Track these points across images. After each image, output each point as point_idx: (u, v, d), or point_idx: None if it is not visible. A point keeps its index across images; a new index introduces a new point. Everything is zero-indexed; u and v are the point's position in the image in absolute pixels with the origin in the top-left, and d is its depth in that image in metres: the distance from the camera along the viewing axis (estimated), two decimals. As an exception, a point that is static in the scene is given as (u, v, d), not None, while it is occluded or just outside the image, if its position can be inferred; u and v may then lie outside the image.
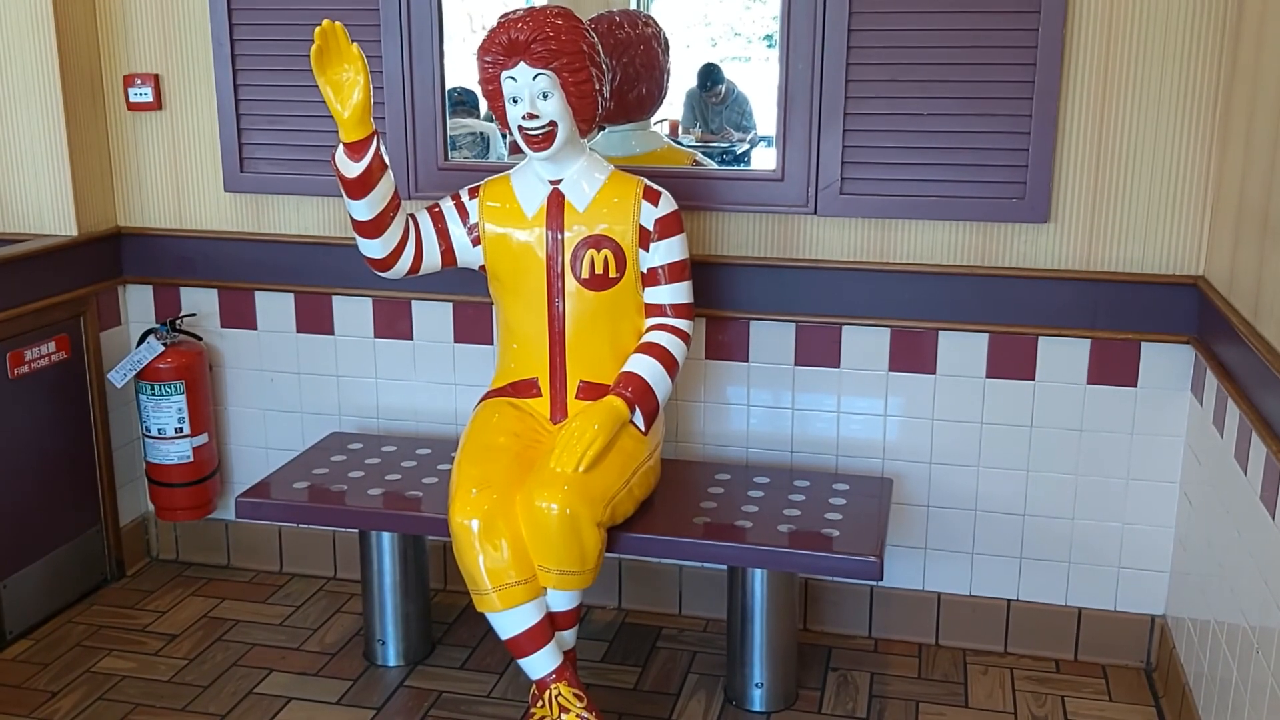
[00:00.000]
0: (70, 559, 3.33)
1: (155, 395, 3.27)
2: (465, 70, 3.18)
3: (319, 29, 2.43)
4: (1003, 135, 2.79)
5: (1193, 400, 2.84)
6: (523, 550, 2.50)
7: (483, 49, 2.60)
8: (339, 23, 2.46)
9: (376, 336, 3.34)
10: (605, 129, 3.20)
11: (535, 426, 2.73)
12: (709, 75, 3.97)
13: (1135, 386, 2.89)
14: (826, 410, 3.10)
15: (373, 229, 2.64)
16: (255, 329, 3.42)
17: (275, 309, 3.39)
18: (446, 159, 3.16)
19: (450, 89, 3.18)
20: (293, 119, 3.20)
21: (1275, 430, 2.11)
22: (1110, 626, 3.04)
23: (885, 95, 2.83)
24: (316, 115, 3.11)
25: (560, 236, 2.67)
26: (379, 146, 2.55)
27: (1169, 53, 2.70)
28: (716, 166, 3.45)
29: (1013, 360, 2.95)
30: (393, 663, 3.04)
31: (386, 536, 2.98)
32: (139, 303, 3.49)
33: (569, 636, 2.61)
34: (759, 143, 3.82)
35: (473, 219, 2.74)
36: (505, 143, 3.64)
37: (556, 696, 2.53)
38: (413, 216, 2.74)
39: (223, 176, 3.30)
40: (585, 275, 2.67)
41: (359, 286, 3.27)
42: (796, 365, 3.08)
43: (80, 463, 3.35)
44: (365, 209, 2.59)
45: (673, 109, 3.58)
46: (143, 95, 3.30)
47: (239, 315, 3.42)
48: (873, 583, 3.14)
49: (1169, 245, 2.80)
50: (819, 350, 3.06)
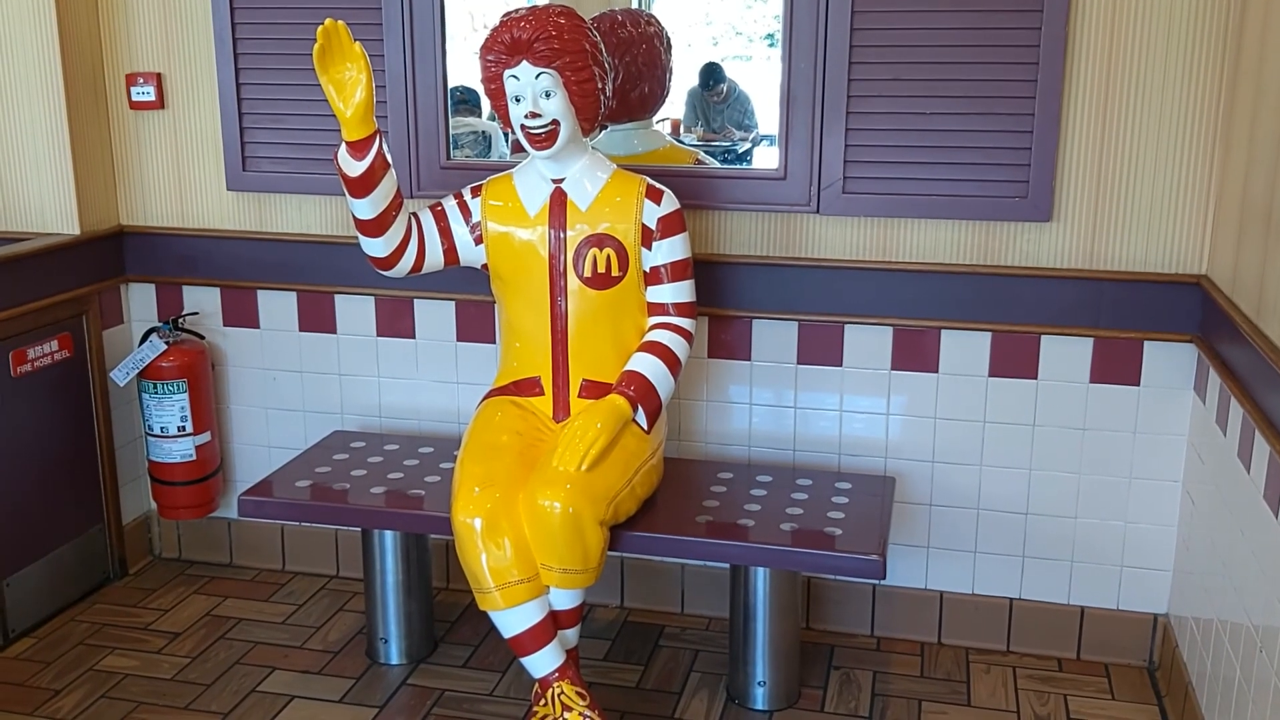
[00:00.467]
0: (73, 557, 3.34)
1: (158, 394, 3.28)
2: (467, 69, 3.19)
3: (321, 28, 2.43)
4: (1005, 134, 2.79)
5: (1195, 399, 2.83)
6: (525, 549, 2.50)
7: (485, 48, 2.60)
8: (341, 21, 2.46)
9: (379, 335, 3.34)
10: (607, 128, 3.20)
11: (538, 425, 2.73)
12: (710, 74, 3.97)
13: (1138, 385, 2.89)
14: (829, 409, 3.10)
15: (375, 228, 2.64)
16: (258, 328, 3.42)
17: (278, 308, 3.39)
18: (449, 158, 3.16)
19: (452, 88, 3.18)
20: (295, 118, 3.20)
21: (1278, 429, 2.10)
22: (1113, 625, 3.04)
23: (888, 94, 2.83)
24: (319, 114, 3.11)
25: (563, 235, 2.67)
26: (381, 145, 2.55)
27: (1172, 51, 2.69)
28: (719, 165, 3.45)
29: (1015, 359, 2.95)
30: (395, 661, 3.04)
31: (389, 535, 2.98)
32: (141, 301, 3.49)
33: (571, 635, 2.61)
34: (760, 142, 3.82)
35: (475, 218, 2.74)
36: (507, 142, 3.64)
37: (559, 695, 2.53)
38: (415, 215, 2.74)
39: (225, 175, 3.30)
40: (588, 274, 2.67)
41: (361, 285, 3.27)
42: (799, 364, 3.08)
43: (83, 461, 3.36)
44: (368, 208, 2.59)
45: (674, 108, 3.59)
46: (145, 94, 3.30)
47: (241, 314, 3.42)
48: (875, 581, 3.14)
49: (1172, 244, 2.80)
50: (821, 349, 3.06)
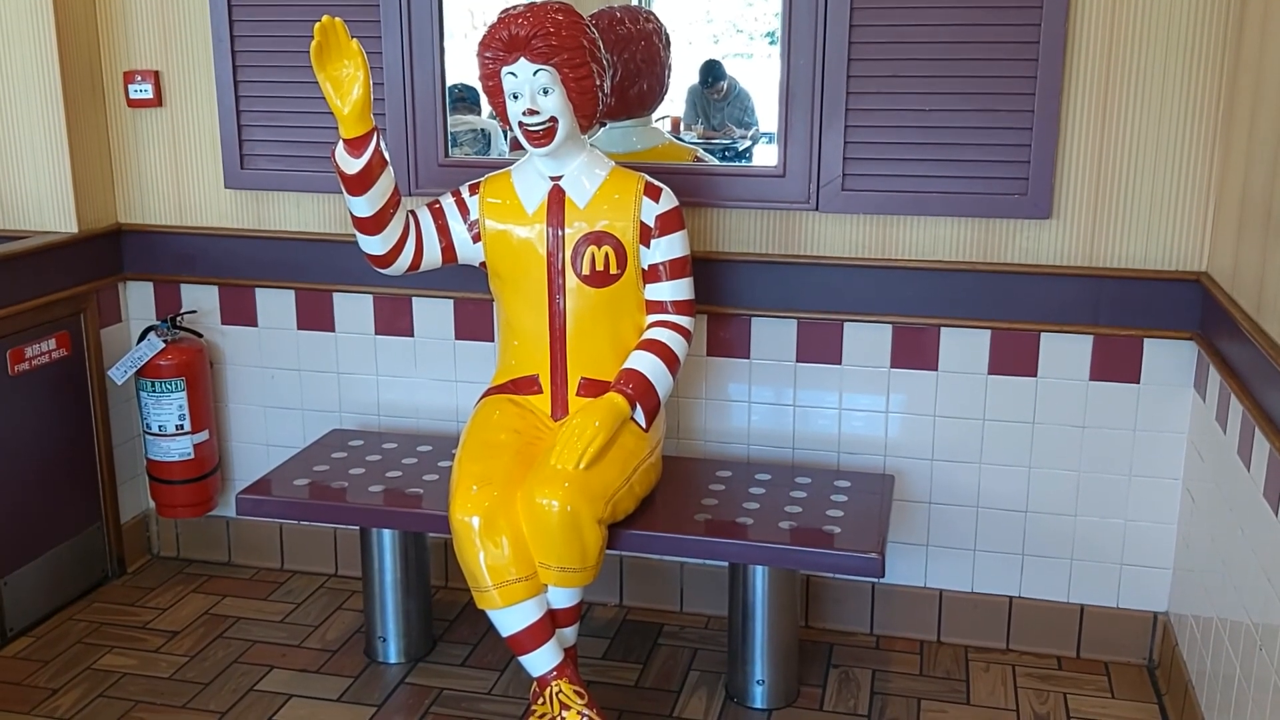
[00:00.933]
0: (71, 556, 3.33)
1: (156, 392, 3.27)
2: (466, 66, 3.18)
3: (319, 24, 2.42)
4: (1005, 131, 2.79)
5: (1195, 396, 2.83)
6: (523, 547, 2.49)
7: (483, 44, 2.60)
8: (339, 18, 2.45)
9: (377, 333, 3.33)
10: (606, 125, 3.19)
11: (536, 423, 2.72)
12: (710, 71, 3.98)
13: (1138, 383, 2.89)
14: (828, 407, 3.09)
15: (373, 225, 2.63)
16: (256, 326, 3.42)
17: (276, 306, 3.38)
18: (447, 155, 3.15)
19: (451, 85, 3.17)
20: (293, 115, 3.19)
21: (1278, 427, 2.10)
22: (1113, 623, 3.03)
23: (887, 91, 2.83)
24: (317, 111, 3.09)
25: (561, 233, 2.67)
26: (379, 143, 2.54)
27: (1172, 48, 2.69)
28: (718, 163, 3.45)
29: (1015, 356, 2.94)
30: (394, 660, 3.03)
31: (387, 533, 2.98)
32: (139, 299, 3.48)
33: (570, 634, 2.61)
34: (761, 139, 3.83)
35: (473, 215, 2.73)
36: (506, 139, 3.64)
37: (557, 694, 2.52)
38: (413, 213, 2.73)
39: (223, 173, 3.30)
40: (586, 272, 2.66)
41: (360, 283, 3.26)
42: (798, 362, 3.08)
43: (81, 460, 3.35)
44: (365, 205, 2.59)
45: (674, 105, 3.59)
46: (143, 92, 3.30)
47: (239, 312, 3.42)
48: (874, 579, 3.13)
49: (1172, 241, 2.79)
50: (821, 347, 3.05)
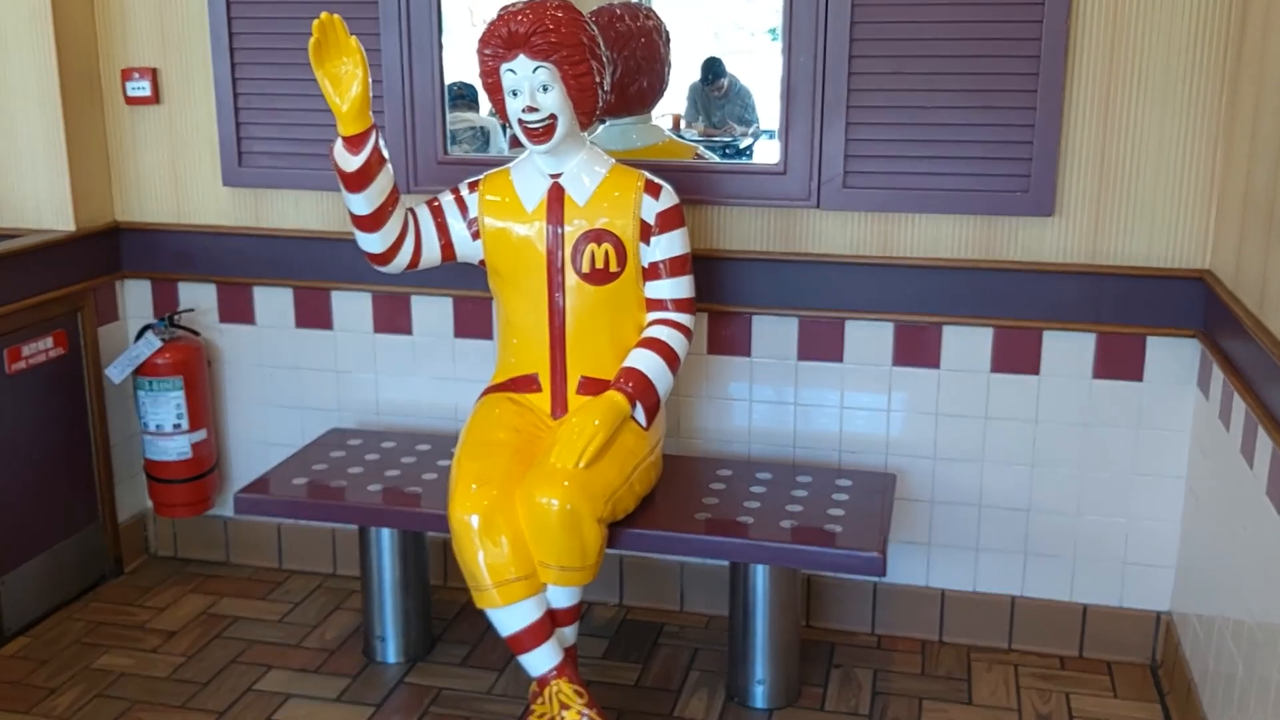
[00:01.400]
0: (69, 555, 3.32)
1: (153, 391, 3.26)
2: (466, 64, 3.16)
3: (317, 21, 2.42)
4: (1007, 128, 2.78)
5: (1199, 394, 2.82)
6: (523, 546, 2.48)
7: (482, 41, 2.59)
8: (337, 15, 2.44)
9: (376, 331, 3.32)
10: (606, 122, 3.18)
11: (535, 422, 2.71)
12: (711, 68, 3.96)
13: (1141, 381, 2.88)
14: (829, 405, 3.08)
15: (371, 223, 2.62)
16: (254, 324, 3.40)
17: (274, 304, 3.37)
18: (446, 153, 3.14)
19: (450, 83, 3.16)
20: (291, 113, 3.18)
21: (1283, 424, 2.09)
22: (1115, 623, 3.02)
23: (888, 88, 2.82)
24: (315, 109, 3.07)
25: (560, 230, 2.65)
26: (378, 140, 2.53)
27: (1174, 45, 2.68)
28: (718, 160, 3.43)
29: (1017, 354, 2.93)
30: (392, 660, 3.02)
31: (386, 533, 2.96)
32: (137, 298, 3.47)
33: (569, 633, 2.59)
34: (761, 136, 3.81)
35: (472, 213, 2.72)
36: (505, 136, 3.63)
37: (557, 693, 2.51)
38: (412, 211, 2.72)
39: (221, 171, 3.29)
40: (586, 269, 2.65)
41: (358, 281, 3.25)
42: (799, 360, 3.07)
43: (78, 459, 3.34)
44: (364, 203, 2.57)
45: (675, 102, 3.57)
46: (140, 89, 3.28)
47: (237, 310, 3.40)
48: (876, 579, 3.12)
49: (1174, 239, 2.78)
50: (822, 345, 3.04)
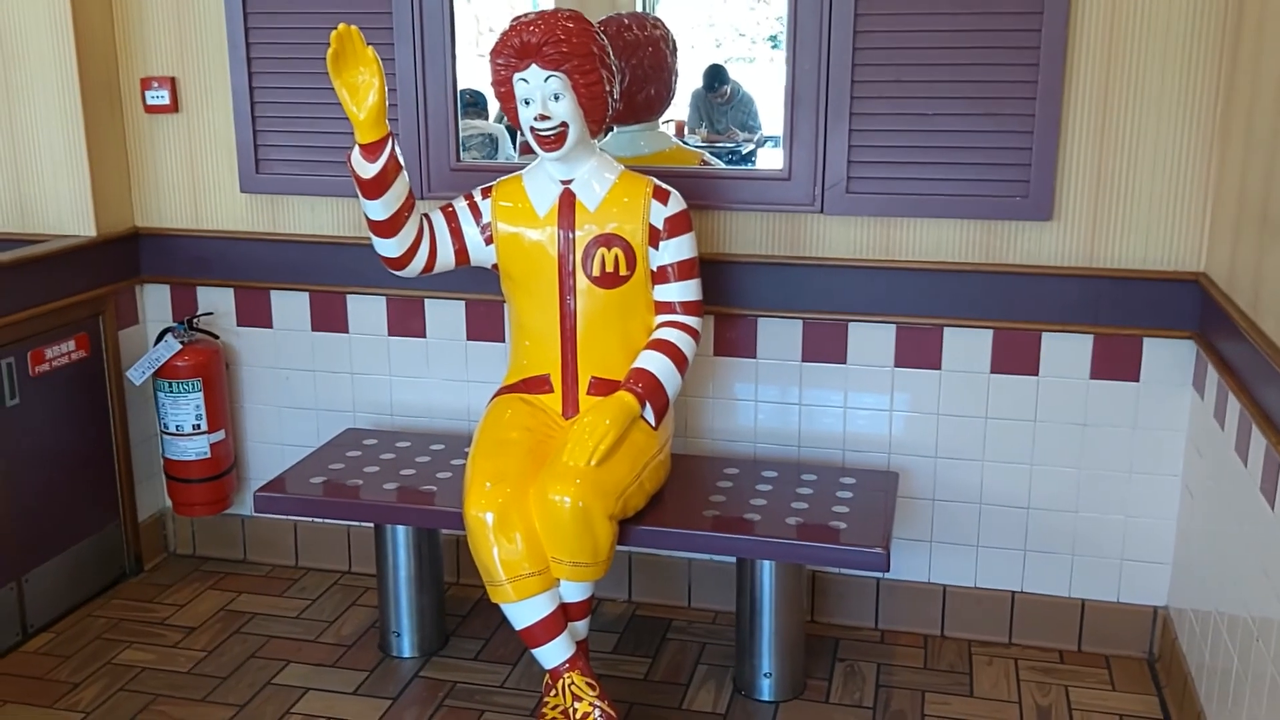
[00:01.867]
0: (90, 554, 3.39)
1: (173, 393, 3.33)
2: (474, 73, 3.24)
3: (335, 32, 2.47)
4: (1007, 134, 2.84)
5: (1194, 395, 2.88)
6: (536, 542, 2.55)
7: (495, 51, 2.65)
8: (354, 26, 2.50)
9: (390, 334, 3.39)
10: (614, 130, 3.24)
11: (547, 422, 2.78)
12: (714, 76, 4.02)
13: (1138, 381, 2.94)
14: (833, 406, 3.14)
15: (388, 228, 2.69)
16: (271, 327, 3.48)
17: (290, 308, 3.44)
18: (459, 160, 3.21)
19: (459, 91, 3.22)
20: (307, 120, 3.25)
21: (1275, 422, 2.15)
22: (1113, 618, 3.08)
23: (891, 95, 2.88)
24: (331, 117, 3.17)
25: (572, 235, 2.72)
26: (394, 147, 2.60)
27: (1170, 52, 2.74)
28: (724, 166, 3.49)
29: (1017, 356, 2.99)
30: (408, 654, 3.09)
31: (401, 530, 3.03)
32: (156, 302, 3.54)
33: (582, 627, 2.66)
34: (765, 143, 3.87)
35: (485, 218, 2.79)
36: (515, 144, 3.70)
37: (570, 685, 2.58)
38: (427, 216, 2.79)
39: (238, 177, 3.36)
40: (596, 273, 2.72)
41: (373, 285, 3.32)
42: (803, 362, 3.13)
43: (99, 459, 3.41)
44: (381, 209, 2.64)
45: (678, 110, 3.63)
46: (159, 98, 3.36)
47: (255, 314, 3.48)
48: (879, 574, 3.18)
49: (1170, 242, 2.84)
50: (826, 347, 3.11)
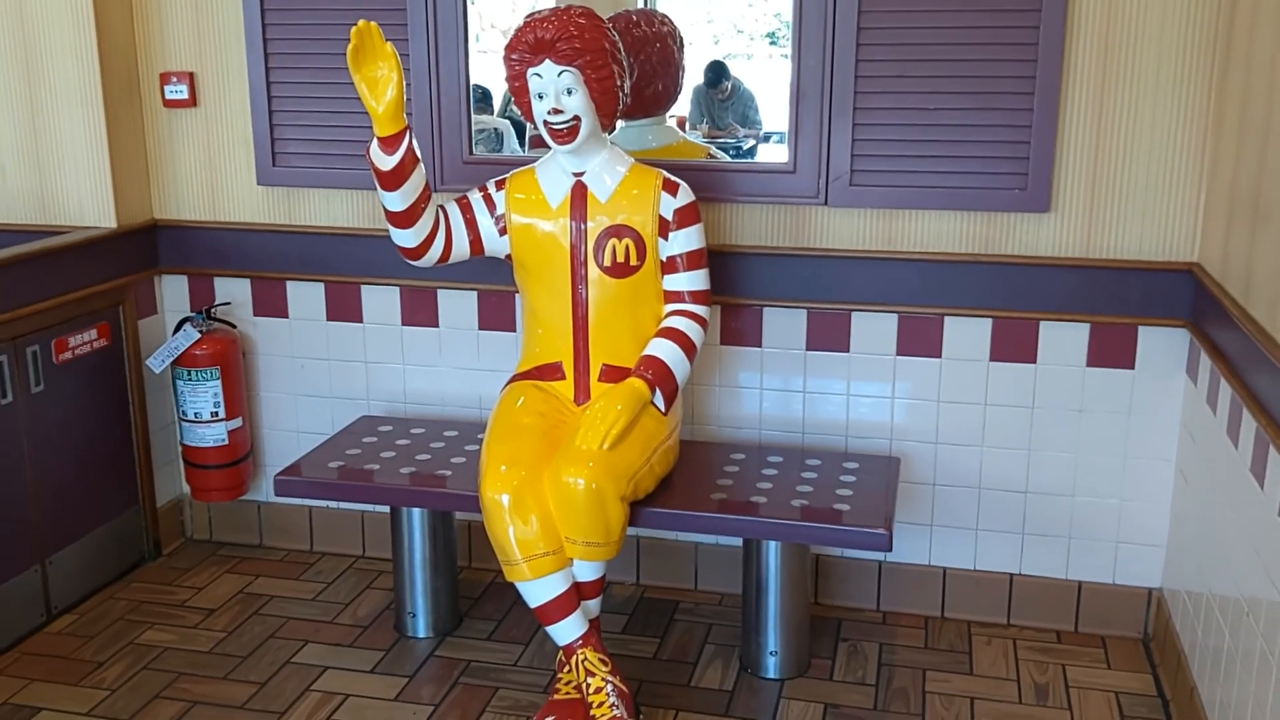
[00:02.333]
0: (110, 538, 3.47)
1: (192, 380, 3.41)
2: (479, 68, 3.31)
3: (355, 28, 2.54)
4: (1005, 128, 2.92)
5: (1188, 381, 2.96)
6: (550, 523, 2.63)
7: (509, 47, 2.73)
8: (374, 23, 2.57)
9: (404, 324, 3.47)
10: (622, 124, 3.31)
11: (560, 408, 2.86)
12: (716, 72, 4.08)
13: (1133, 369, 3.02)
14: (836, 393, 3.22)
15: (405, 219, 2.77)
16: (287, 317, 3.55)
17: (306, 298, 3.52)
18: (471, 153, 3.28)
19: (469, 86, 3.30)
20: (323, 114, 3.33)
21: (1265, 406, 2.23)
22: (1109, 599, 3.17)
23: (893, 90, 2.96)
24: (346, 111, 3.24)
25: (583, 226, 2.80)
26: (411, 140, 2.68)
27: (1165, 49, 2.82)
28: (730, 160, 3.57)
29: (1015, 344, 3.07)
30: (422, 634, 3.17)
31: (416, 513, 3.11)
32: (174, 292, 3.62)
33: (594, 605, 2.74)
34: (765, 138, 3.93)
35: (499, 209, 2.86)
36: (520, 138, 3.78)
37: (583, 661, 2.66)
38: (442, 207, 2.87)
39: (255, 170, 3.43)
40: (607, 263, 2.80)
41: (387, 276, 3.40)
42: (808, 350, 3.21)
43: (120, 446, 3.49)
44: (398, 200, 2.72)
45: (680, 105, 3.69)
46: (178, 92, 3.43)
47: (271, 304, 3.55)
48: (881, 556, 3.27)
49: (1165, 233, 2.92)
50: (829, 336, 3.18)
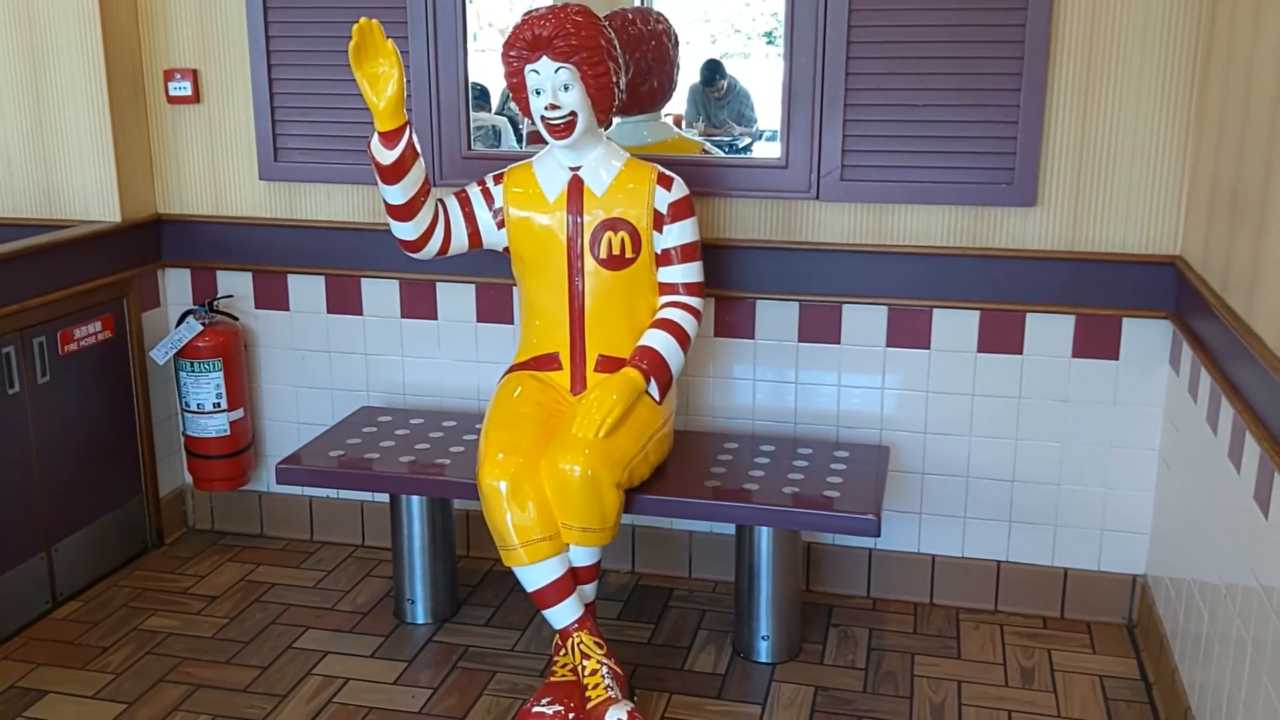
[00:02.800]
0: (114, 527, 3.53)
1: (194, 372, 3.47)
2: (476, 66, 3.36)
3: (356, 25, 2.59)
4: (993, 124, 2.98)
5: (1170, 372, 3.03)
6: (547, 510, 2.69)
7: (507, 44, 2.78)
8: (375, 20, 2.62)
9: (403, 317, 3.53)
10: (618, 120, 3.37)
11: (556, 397, 2.92)
12: (712, 70, 4.13)
13: (1117, 360, 3.08)
14: (828, 384, 3.28)
15: (405, 212, 2.82)
16: (288, 310, 3.61)
17: (307, 291, 3.58)
18: (470, 149, 3.34)
19: (466, 83, 3.35)
20: (324, 111, 3.38)
21: (1242, 393, 2.29)
22: (1094, 585, 3.23)
23: (883, 88, 3.02)
24: (347, 107, 3.30)
25: (580, 220, 2.86)
26: (411, 135, 2.73)
27: (1148, 45, 2.89)
28: (724, 155, 3.62)
29: (1002, 336, 3.13)
30: (421, 621, 3.23)
31: (416, 501, 3.17)
32: (177, 285, 3.68)
33: (590, 590, 2.80)
34: (761, 137, 3.98)
35: (498, 203, 2.92)
36: (517, 135, 3.83)
37: (579, 644, 2.72)
38: (441, 201, 2.93)
39: (257, 166, 3.49)
40: (603, 256, 2.86)
41: (386, 269, 3.46)
42: (799, 342, 3.27)
43: (123, 436, 3.55)
44: (399, 193, 2.78)
45: (676, 104, 3.74)
46: (182, 89, 3.49)
47: (272, 297, 3.61)
48: (871, 543, 3.33)
49: (1148, 226, 2.99)
50: (821, 328, 3.24)
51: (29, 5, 3.35)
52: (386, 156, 2.73)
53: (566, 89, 2.74)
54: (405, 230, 2.87)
